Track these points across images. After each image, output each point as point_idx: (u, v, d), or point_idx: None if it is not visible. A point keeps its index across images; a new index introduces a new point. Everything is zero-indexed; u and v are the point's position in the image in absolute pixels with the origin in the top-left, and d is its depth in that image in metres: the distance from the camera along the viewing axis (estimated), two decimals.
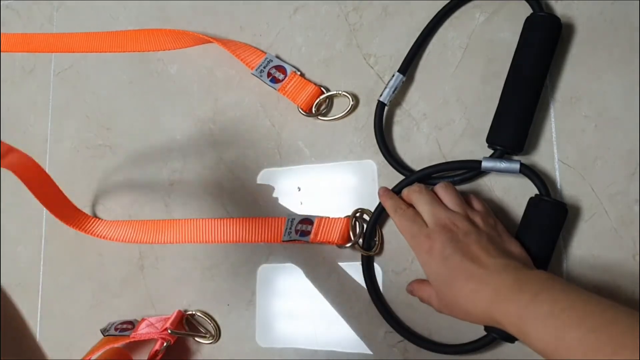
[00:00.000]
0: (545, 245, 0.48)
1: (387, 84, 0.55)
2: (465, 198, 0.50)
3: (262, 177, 0.61)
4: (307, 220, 0.56)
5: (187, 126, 0.64)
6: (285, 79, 0.59)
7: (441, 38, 0.56)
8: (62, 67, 0.71)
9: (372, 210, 0.55)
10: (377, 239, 0.55)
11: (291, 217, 0.57)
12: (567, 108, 0.51)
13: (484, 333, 0.50)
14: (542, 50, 0.50)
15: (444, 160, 0.53)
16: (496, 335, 0.49)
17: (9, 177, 0.71)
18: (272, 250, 0.59)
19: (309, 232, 0.56)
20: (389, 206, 0.51)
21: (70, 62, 0.71)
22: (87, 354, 0.59)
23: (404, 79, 0.55)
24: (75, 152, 0.69)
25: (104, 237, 0.65)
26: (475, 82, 0.54)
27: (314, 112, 0.58)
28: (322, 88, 0.58)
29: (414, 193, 0.50)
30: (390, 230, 0.55)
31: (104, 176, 0.67)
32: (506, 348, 0.50)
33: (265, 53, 0.60)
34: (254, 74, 0.59)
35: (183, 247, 0.62)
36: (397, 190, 0.53)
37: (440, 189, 0.49)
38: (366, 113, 0.57)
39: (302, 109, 0.58)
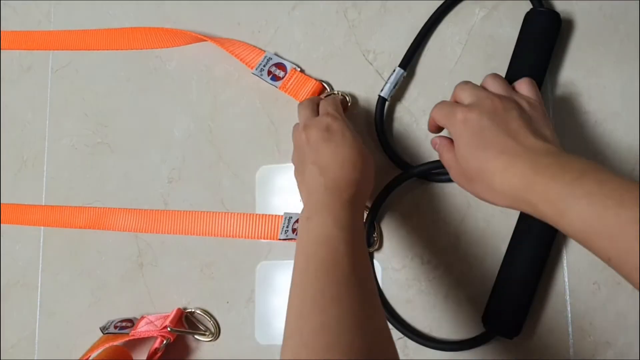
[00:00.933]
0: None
1: (388, 79, 0.54)
2: (518, 84, 0.47)
3: (260, 174, 0.60)
4: None
5: (186, 123, 0.64)
6: (286, 76, 0.59)
7: (441, 34, 0.56)
8: (60, 64, 0.71)
9: (369, 206, 0.55)
10: (375, 235, 0.55)
11: (288, 215, 0.57)
12: (567, 104, 0.51)
13: (484, 330, 0.50)
14: (541, 45, 0.50)
15: None
16: (495, 332, 0.49)
17: (8, 176, 0.71)
18: (272, 247, 0.59)
19: None
20: (436, 115, 0.47)
21: (68, 60, 0.71)
22: (87, 352, 0.58)
23: (405, 74, 0.55)
24: (74, 149, 0.68)
25: (104, 227, 0.65)
26: (474, 78, 0.54)
27: None
28: (323, 83, 0.58)
29: (457, 89, 0.47)
30: (390, 227, 0.55)
31: (103, 174, 0.67)
32: (505, 345, 0.50)
33: (264, 51, 0.60)
34: (254, 74, 0.59)
35: (182, 245, 0.62)
36: (391, 187, 0.53)
37: (489, 78, 0.47)
38: (365, 109, 0.57)
39: None
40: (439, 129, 0.49)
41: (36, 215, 0.68)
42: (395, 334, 0.53)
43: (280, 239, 0.57)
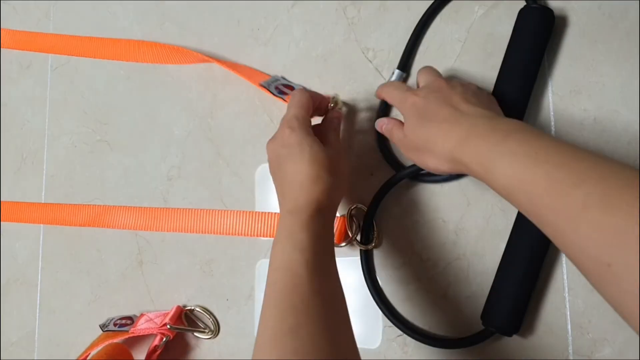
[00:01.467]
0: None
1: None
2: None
3: (260, 172, 0.60)
4: None
5: (185, 121, 0.64)
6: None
7: (440, 32, 0.56)
8: (59, 62, 0.71)
9: (367, 204, 0.55)
10: (375, 233, 0.55)
11: None
12: (566, 101, 0.51)
13: (483, 327, 0.50)
14: (534, 41, 0.50)
15: None
16: (494, 330, 0.49)
17: (8, 174, 0.71)
18: (271, 245, 0.59)
19: None
20: (389, 96, 0.51)
21: (67, 58, 0.71)
22: (86, 349, 0.59)
23: (405, 75, 0.55)
24: (73, 147, 0.68)
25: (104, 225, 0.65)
26: (473, 76, 0.54)
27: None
28: (332, 97, 0.56)
29: (419, 73, 0.51)
30: (389, 225, 0.55)
31: (102, 172, 0.67)
32: (504, 342, 0.50)
33: (270, 75, 0.59)
34: (262, 84, 0.57)
35: (182, 243, 0.62)
36: (388, 186, 0.54)
37: (424, 70, 0.50)
38: (364, 108, 0.57)
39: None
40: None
41: (36, 213, 0.68)
42: (395, 331, 0.53)
43: None
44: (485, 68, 0.54)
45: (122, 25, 0.68)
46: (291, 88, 0.58)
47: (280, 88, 0.57)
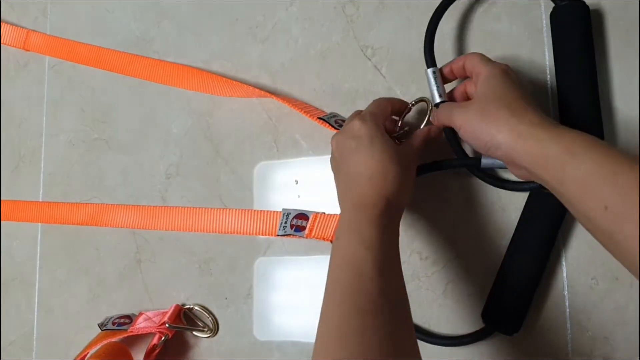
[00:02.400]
0: (546, 240, 0.48)
1: (430, 86, 0.50)
2: None
3: (259, 170, 0.60)
4: (303, 216, 0.56)
5: (184, 120, 0.64)
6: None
7: (439, 29, 0.55)
8: (57, 60, 0.70)
9: None
10: None
11: (287, 211, 0.57)
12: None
13: (482, 325, 0.50)
14: (583, 42, 0.49)
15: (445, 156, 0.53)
16: (495, 328, 0.49)
17: (5, 172, 0.71)
18: (270, 243, 0.59)
19: (304, 228, 0.56)
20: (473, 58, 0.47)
21: None
22: (85, 348, 0.58)
23: (437, 69, 0.50)
24: (71, 145, 0.68)
25: (102, 223, 0.65)
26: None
27: None
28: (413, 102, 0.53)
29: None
30: None
31: (100, 170, 0.66)
32: (504, 340, 0.50)
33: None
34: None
35: (180, 241, 0.62)
36: None
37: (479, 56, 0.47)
38: (363, 107, 0.57)
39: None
40: (456, 74, 0.49)
41: (33, 211, 0.68)
42: None
43: (278, 235, 0.57)
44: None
45: (119, 23, 0.68)
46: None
47: (340, 122, 0.55)
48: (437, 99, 0.50)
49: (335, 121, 0.55)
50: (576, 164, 0.36)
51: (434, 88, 0.50)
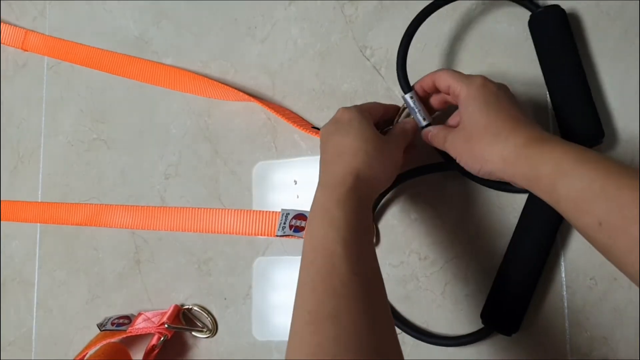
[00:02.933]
0: (544, 240, 0.48)
1: (411, 111, 0.49)
2: None
3: (257, 170, 0.60)
4: (302, 216, 0.56)
5: (182, 120, 0.64)
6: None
7: (437, 30, 0.55)
8: (56, 61, 0.70)
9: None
10: (374, 232, 0.55)
11: (286, 211, 0.57)
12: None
13: (481, 325, 0.50)
14: (565, 44, 0.49)
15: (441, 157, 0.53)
16: (494, 329, 0.49)
17: (4, 173, 0.71)
18: (269, 243, 0.59)
19: (303, 228, 0.56)
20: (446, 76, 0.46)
21: None
22: (84, 349, 0.58)
23: (414, 93, 0.49)
24: (70, 146, 0.68)
25: (102, 224, 0.65)
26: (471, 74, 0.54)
27: None
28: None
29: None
30: (388, 223, 0.55)
31: (99, 170, 0.66)
32: (503, 340, 0.50)
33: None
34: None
35: (179, 241, 0.62)
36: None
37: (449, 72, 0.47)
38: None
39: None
40: (429, 91, 0.48)
41: (32, 212, 0.68)
42: None
43: (277, 236, 0.57)
44: (483, 66, 0.54)
45: (118, 23, 0.68)
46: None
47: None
48: (422, 123, 0.49)
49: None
50: (567, 182, 0.36)
51: (416, 112, 0.49)
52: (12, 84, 0.72)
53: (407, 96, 0.49)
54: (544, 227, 0.48)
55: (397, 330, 0.53)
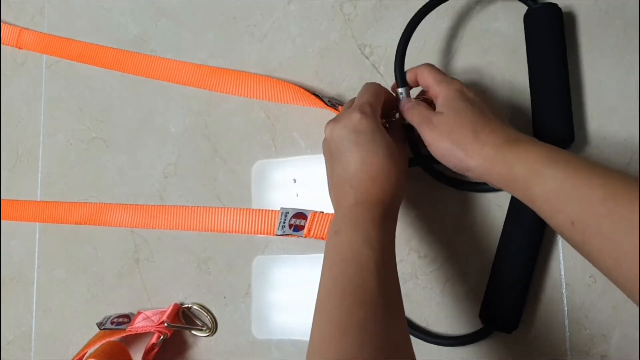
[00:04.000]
0: (533, 234, 0.48)
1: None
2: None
3: (257, 169, 0.60)
4: (301, 215, 0.56)
5: (181, 118, 0.64)
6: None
7: (436, 28, 0.55)
8: (55, 59, 0.70)
9: None
10: None
11: (285, 210, 0.57)
12: None
13: (481, 323, 0.50)
14: (553, 43, 0.49)
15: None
16: (493, 328, 0.49)
17: (3, 172, 0.71)
18: (268, 241, 0.59)
19: (302, 227, 0.56)
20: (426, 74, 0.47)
21: None
22: (83, 348, 0.58)
23: (408, 89, 0.49)
24: (69, 145, 0.68)
25: (100, 223, 0.65)
26: (471, 73, 0.54)
27: None
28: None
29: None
30: None
31: (98, 169, 0.66)
32: (503, 339, 0.51)
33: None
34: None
35: (178, 240, 0.62)
36: None
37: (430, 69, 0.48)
38: None
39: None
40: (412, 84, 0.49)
41: (31, 211, 0.68)
42: None
43: (277, 235, 0.57)
44: (483, 65, 0.54)
45: (117, 22, 0.68)
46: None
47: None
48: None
49: (328, 100, 0.55)
50: (541, 182, 0.37)
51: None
52: (11, 82, 0.72)
53: (403, 90, 0.49)
54: (531, 220, 0.48)
55: None
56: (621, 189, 0.33)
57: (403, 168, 0.45)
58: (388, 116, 0.50)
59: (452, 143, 0.42)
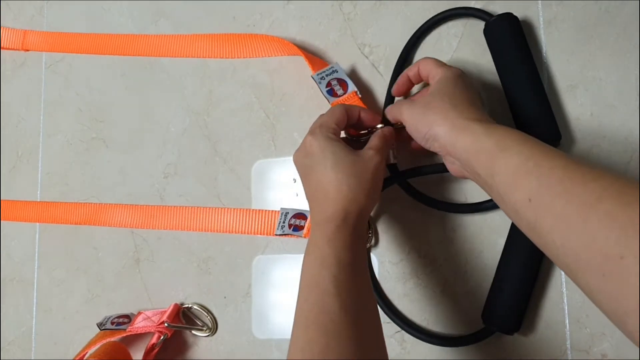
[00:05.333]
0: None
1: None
2: None
3: (257, 169, 0.60)
4: (301, 215, 0.56)
5: (181, 118, 0.64)
6: (344, 96, 0.54)
7: (437, 29, 0.55)
8: (54, 59, 0.70)
9: None
10: (370, 232, 0.55)
11: (285, 210, 0.57)
12: (564, 96, 0.51)
13: (482, 323, 0.50)
14: (516, 50, 0.50)
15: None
16: (496, 329, 0.49)
17: (3, 172, 0.70)
18: (268, 241, 0.59)
19: (302, 227, 0.56)
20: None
21: (61, 55, 0.70)
22: (84, 348, 0.58)
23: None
24: (69, 145, 0.68)
25: (101, 223, 0.65)
26: (470, 71, 0.54)
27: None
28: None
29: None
30: (387, 221, 0.55)
31: (98, 169, 0.66)
32: (504, 339, 0.50)
33: (335, 62, 0.56)
34: (313, 78, 0.55)
35: (178, 240, 0.62)
36: (385, 184, 0.54)
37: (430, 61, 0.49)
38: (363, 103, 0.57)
39: (349, 133, 0.53)
40: (407, 89, 0.52)
41: (32, 211, 0.68)
42: (394, 327, 0.53)
43: (276, 235, 0.57)
44: (482, 63, 0.54)
45: (116, 22, 0.68)
46: (345, 85, 0.55)
47: (332, 85, 0.55)
48: (389, 161, 0.53)
49: (327, 84, 0.55)
50: (505, 157, 0.38)
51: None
52: (11, 83, 0.72)
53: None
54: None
55: (397, 328, 0.53)
56: (579, 171, 0.34)
57: (361, 176, 0.44)
58: (360, 129, 0.51)
59: (425, 112, 0.44)
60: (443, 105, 0.43)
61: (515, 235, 0.49)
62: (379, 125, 0.50)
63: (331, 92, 0.54)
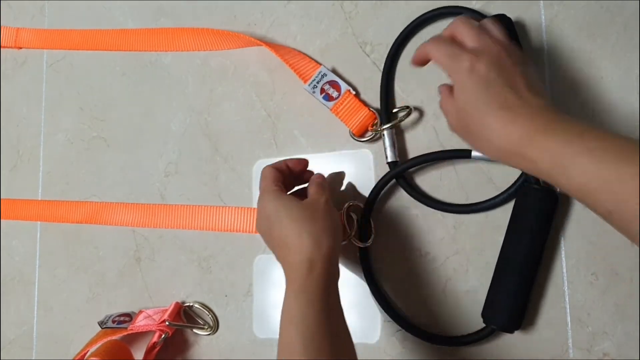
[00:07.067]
0: (538, 235, 0.48)
1: (385, 145, 0.54)
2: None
3: (258, 168, 0.60)
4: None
5: (182, 117, 0.64)
6: (339, 98, 0.55)
7: (436, 26, 0.55)
8: (55, 58, 0.70)
9: (361, 203, 0.55)
10: (372, 230, 0.55)
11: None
12: (564, 95, 0.51)
13: (482, 323, 0.50)
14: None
15: (441, 148, 0.53)
16: (496, 328, 0.49)
17: (4, 171, 0.71)
18: None
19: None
20: (438, 53, 0.43)
21: (62, 54, 0.70)
22: (85, 346, 0.58)
23: (394, 131, 0.54)
24: (70, 144, 0.68)
25: (101, 222, 0.65)
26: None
27: (366, 137, 0.56)
28: (376, 112, 0.55)
29: (459, 26, 0.43)
30: (388, 220, 0.55)
31: (99, 168, 0.66)
32: (505, 337, 0.50)
33: (320, 65, 0.57)
34: (306, 89, 0.56)
35: (179, 239, 0.62)
36: (385, 182, 0.54)
37: (489, 22, 0.44)
38: (363, 102, 0.57)
39: (354, 134, 0.56)
40: (424, 63, 0.46)
41: (33, 210, 0.68)
42: (394, 326, 0.53)
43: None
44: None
45: (117, 20, 0.68)
46: (337, 87, 0.55)
47: (326, 90, 0.56)
48: (389, 159, 0.54)
49: (321, 90, 0.56)
50: (568, 176, 0.35)
51: (388, 147, 0.54)
52: (12, 82, 0.72)
53: (387, 131, 0.54)
54: (536, 221, 0.48)
55: (398, 327, 0.53)
56: None
57: (318, 219, 0.46)
58: (295, 179, 0.54)
59: (466, 137, 0.42)
60: (487, 119, 0.39)
61: (514, 232, 0.49)
62: (309, 168, 0.54)
63: (327, 98, 0.56)
